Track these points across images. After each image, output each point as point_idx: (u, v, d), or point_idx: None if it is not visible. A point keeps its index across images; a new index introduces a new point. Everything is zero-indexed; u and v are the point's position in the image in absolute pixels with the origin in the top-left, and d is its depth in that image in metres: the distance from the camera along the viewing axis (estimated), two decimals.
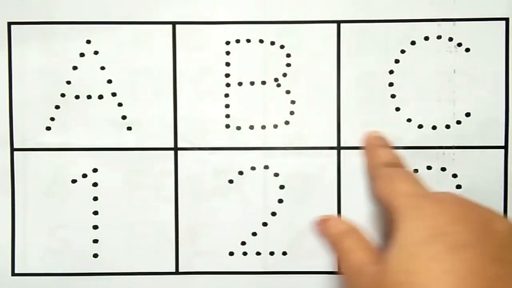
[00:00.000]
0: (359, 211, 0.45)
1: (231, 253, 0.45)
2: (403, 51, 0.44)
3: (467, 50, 0.44)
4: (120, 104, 0.45)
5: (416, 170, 0.44)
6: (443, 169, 0.44)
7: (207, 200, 0.45)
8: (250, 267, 0.45)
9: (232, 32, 0.44)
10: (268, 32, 0.44)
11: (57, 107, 0.45)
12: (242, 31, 0.44)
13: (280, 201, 0.45)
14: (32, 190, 0.45)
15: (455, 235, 0.28)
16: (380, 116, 0.44)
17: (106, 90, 0.45)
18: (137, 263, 0.45)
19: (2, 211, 0.45)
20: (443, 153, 0.44)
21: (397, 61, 0.44)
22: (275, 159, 0.45)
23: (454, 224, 0.29)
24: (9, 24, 0.44)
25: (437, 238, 0.28)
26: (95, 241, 0.45)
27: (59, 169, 0.45)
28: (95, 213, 0.45)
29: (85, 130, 0.45)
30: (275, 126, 0.45)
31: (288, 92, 0.45)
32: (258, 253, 0.45)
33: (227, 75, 0.45)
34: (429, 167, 0.44)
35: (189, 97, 0.45)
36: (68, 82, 0.45)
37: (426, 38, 0.44)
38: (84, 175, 0.45)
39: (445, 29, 0.44)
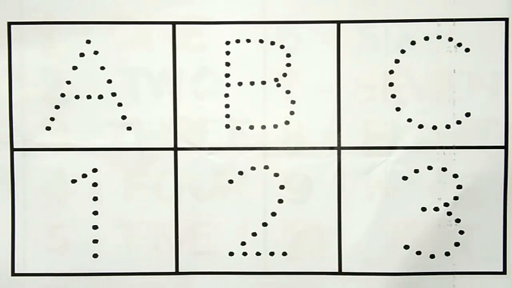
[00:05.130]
0: (359, 211, 0.45)
1: (231, 253, 0.45)
2: (403, 51, 0.44)
3: (467, 50, 0.44)
4: (120, 104, 0.45)
5: (416, 170, 0.44)
6: (444, 169, 0.44)
7: (207, 200, 0.45)
8: (250, 267, 0.45)
9: (232, 32, 0.44)
10: (268, 32, 0.44)
11: (57, 107, 0.45)
12: (242, 31, 0.44)
13: (280, 201, 0.45)
14: (32, 190, 0.45)
15: None
16: (380, 116, 0.44)
17: (106, 90, 0.45)
18: (137, 263, 0.45)
19: (2, 211, 0.45)
20: (444, 153, 0.44)
21: (397, 61, 0.44)
22: (275, 159, 0.45)
23: None
24: (9, 24, 0.44)
25: None
26: (95, 241, 0.45)
27: (59, 169, 0.45)
28: (95, 213, 0.45)
29: (85, 130, 0.45)
30: (275, 126, 0.45)
31: (288, 92, 0.45)
32: (258, 253, 0.45)
33: (227, 75, 0.45)
34: (429, 167, 0.44)
35: (189, 97, 0.45)
36: (68, 82, 0.45)
37: (426, 38, 0.44)
38: (84, 175, 0.45)
39: (445, 29, 0.44)
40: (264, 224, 0.45)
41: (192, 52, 0.45)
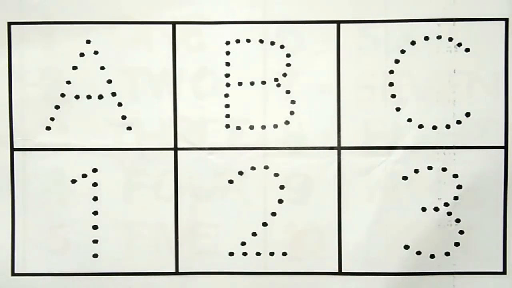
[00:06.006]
0: (359, 211, 0.45)
1: (231, 253, 0.45)
2: (403, 51, 0.44)
3: (467, 50, 0.44)
4: (120, 104, 0.45)
5: (416, 170, 0.44)
6: (444, 169, 0.44)
7: (207, 200, 0.45)
8: (250, 267, 0.45)
9: (232, 32, 0.44)
10: (268, 32, 0.44)
11: (57, 107, 0.45)
12: (242, 31, 0.44)
13: (280, 201, 0.45)
14: (32, 190, 0.45)
15: None
16: (380, 116, 0.44)
17: (106, 90, 0.45)
18: (137, 263, 0.45)
19: (2, 211, 0.45)
20: (444, 153, 0.44)
21: (397, 61, 0.44)
22: (275, 159, 0.45)
23: None
24: (9, 24, 0.44)
25: None
26: (95, 241, 0.45)
27: (59, 169, 0.45)
28: (95, 213, 0.45)
29: (85, 130, 0.45)
30: (275, 126, 0.45)
31: (288, 92, 0.45)
32: (258, 253, 0.45)
33: (227, 75, 0.45)
34: (429, 167, 0.44)
35: (189, 97, 0.45)
36: (68, 82, 0.45)
37: (426, 38, 0.44)
38: (84, 175, 0.45)
39: (445, 29, 0.44)
40: (264, 224, 0.45)
41: (192, 52, 0.45)
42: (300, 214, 0.45)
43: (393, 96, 0.44)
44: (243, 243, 0.45)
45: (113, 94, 0.45)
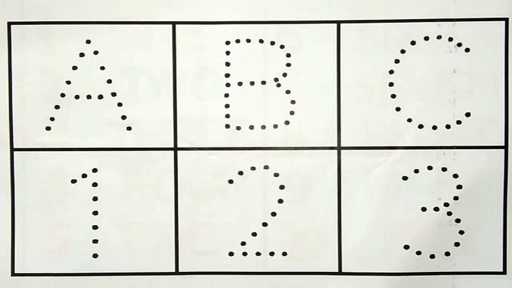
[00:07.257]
0: (359, 211, 0.45)
1: (231, 253, 0.45)
2: (403, 51, 0.44)
3: (467, 50, 0.44)
4: (120, 104, 0.45)
5: (416, 170, 0.44)
6: (444, 169, 0.44)
7: (207, 200, 0.45)
8: (250, 267, 0.45)
9: (232, 32, 0.44)
10: (268, 32, 0.44)
11: (57, 107, 0.45)
12: (242, 31, 0.44)
13: (280, 201, 0.45)
14: (32, 190, 0.45)
15: None
16: (380, 116, 0.44)
17: (106, 90, 0.45)
18: (137, 263, 0.45)
19: (2, 211, 0.45)
20: (444, 153, 0.44)
21: (397, 61, 0.44)
22: (275, 159, 0.45)
23: None
24: (9, 24, 0.44)
25: None
26: (95, 241, 0.45)
27: (59, 169, 0.45)
28: (95, 213, 0.45)
29: (85, 130, 0.45)
30: (275, 126, 0.45)
31: (288, 92, 0.45)
32: (258, 253, 0.45)
33: (227, 75, 0.45)
34: (429, 167, 0.44)
35: (189, 97, 0.45)
36: (68, 82, 0.45)
37: (426, 38, 0.44)
38: (84, 175, 0.45)
39: (445, 29, 0.44)
40: (264, 224, 0.45)
41: (192, 52, 0.45)
42: (300, 214, 0.45)
43: (393, 96, 0.44)
44: (243, 243, 0.45)
45: (113, 94, 0.45)
